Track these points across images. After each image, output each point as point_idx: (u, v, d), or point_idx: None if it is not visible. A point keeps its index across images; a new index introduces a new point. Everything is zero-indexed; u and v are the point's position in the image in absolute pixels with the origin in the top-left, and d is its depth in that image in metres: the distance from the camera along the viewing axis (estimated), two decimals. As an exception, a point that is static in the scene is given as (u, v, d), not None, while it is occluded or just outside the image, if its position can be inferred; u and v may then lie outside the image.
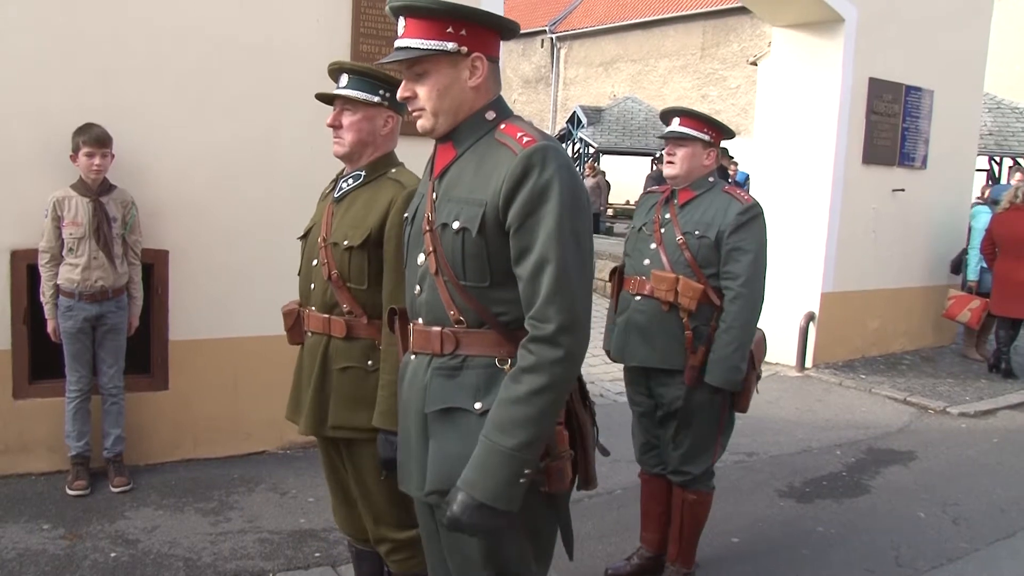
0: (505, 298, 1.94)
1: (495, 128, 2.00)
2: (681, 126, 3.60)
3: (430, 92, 1.98)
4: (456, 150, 2.04)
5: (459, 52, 1.95)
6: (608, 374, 7.46)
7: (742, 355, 3.44)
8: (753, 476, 5.28)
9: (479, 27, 1.98)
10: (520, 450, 1.82)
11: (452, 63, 1.96)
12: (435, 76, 1.97)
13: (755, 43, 25.63)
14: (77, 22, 4.55)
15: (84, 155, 4.32)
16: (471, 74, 1.98)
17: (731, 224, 3.44)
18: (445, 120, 2.01)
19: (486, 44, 2.00)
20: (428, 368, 2.03)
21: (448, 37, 1.94)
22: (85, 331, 4.42)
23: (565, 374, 1.85)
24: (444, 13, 1.95)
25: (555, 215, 1.84)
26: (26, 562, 3.71)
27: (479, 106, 2.02)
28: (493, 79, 2.04)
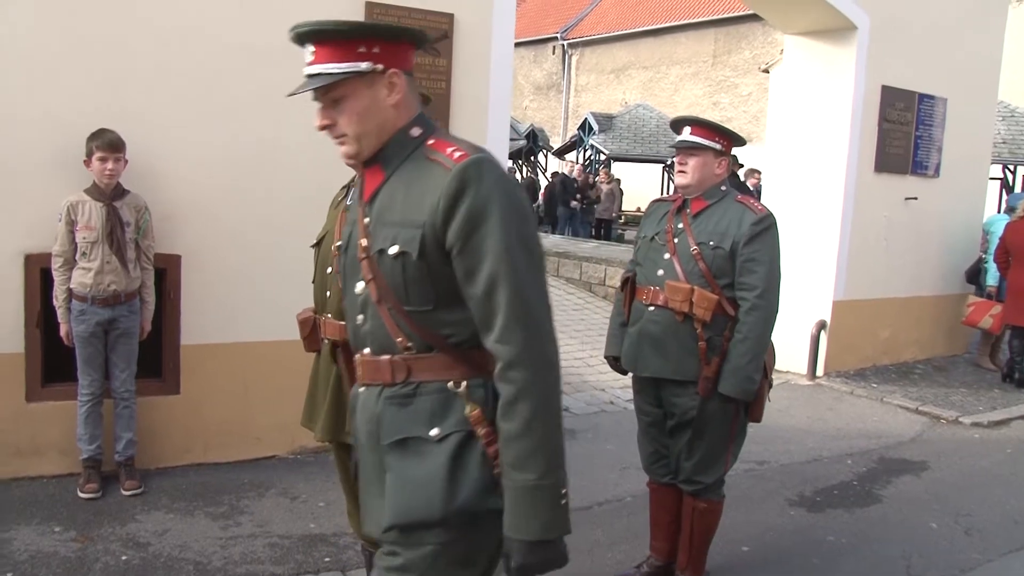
0: (452, 319, 1.87)
1: (423, 145, 1.92)
2: (692, 135, 3.59)
3: (350, 117, 1.90)
4: (384, 172, 1.95)
5: (374, 71, 1.88)
6: (618, 381, 7.41)
7: (756, 366, 3.43)
8: (764, 485, 5.27)
9: (391, 42, 1.92)
10: (545, 478, 1.77)
11: (368, 83, 1.89)
12: (353, 99, 1.89)
13: (767, 50, 25.60)
14: (86, 27, 4.58)
15: (97, 160, 4.35)
16: (389, 92, 1.90)
17: (746, 234, 3.44)
18: (369, 143, 1.92)
19: (400, 58, 1.93)
20: (379, 398, 1.94)
21: (360, 57, 1.87)
22: (98, 335, 4.44)
23: (550, 386, 1.81)
24: (354, 33, 1.90)
25: (500, 229, 1.77)
26: (38, 564, 3.73)
27: (402, 124, 1.94)
28: (412, 93, 1.97)
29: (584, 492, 4.98)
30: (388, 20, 5.26)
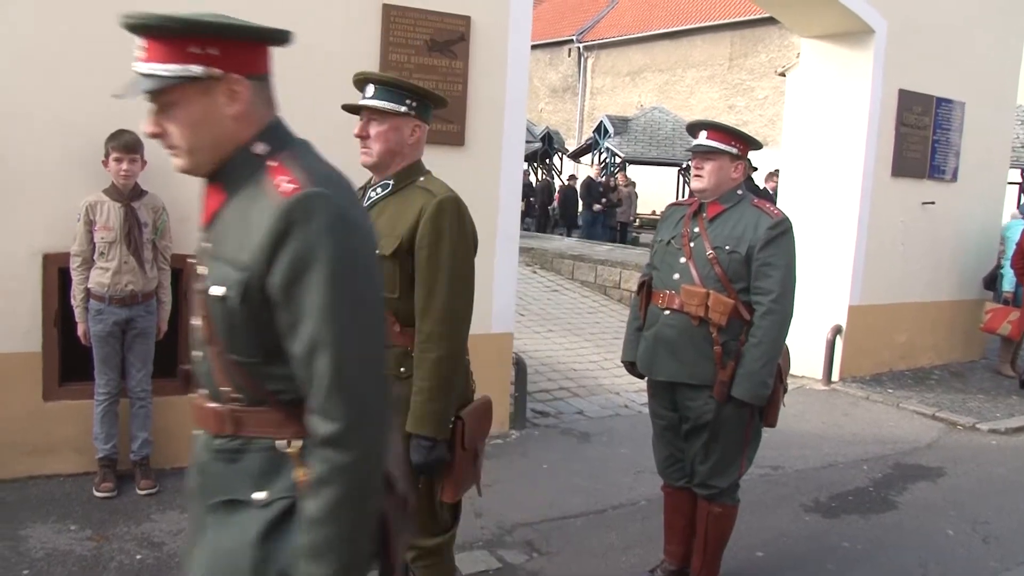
0: (282, 374, 1.59)
1: (264, 166, 1.64)
2: (708, 139, 3.58)
3: (181, 127, 1.62)
4: (225, 192, 1.67)
5: (210, 76, 1.60)
6: (632, 384, 7.40)
7: (770, 370, 3.42)
8: (778, 490, 5.24)
9: (234, 43, 1.67)
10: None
11: (203, 90, 1.61)
12: (184, 107, 1.62)
13: (783, 54, 25.54)
14: (104, 25, 4.58)
15: (114, 160, 4.38)
16: (229, 101, 1.63)
17: (762, 239, 3.42)
18: (203, 158, 1.65)
19: (246, 62, 1.68)
20: (207, 448, 1.71)
21: (193, 59, 1.59)
22: (115, 335, 4.47)
23: (364, 478, 1.54)
24: (184, 30, 1.60)
25: (323, 285, 1.50)
26: (54, 562, 3.76)
27: (245, 138, 1.66)
28: (262, 102, 1.72)
29: (598, 496, 4.97)
30: (405, 22, 5.28)
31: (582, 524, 4.58)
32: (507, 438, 5.95)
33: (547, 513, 4.68)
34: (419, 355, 2.54)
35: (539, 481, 5.17)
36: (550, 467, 5.44)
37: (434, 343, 2.53)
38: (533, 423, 6.34)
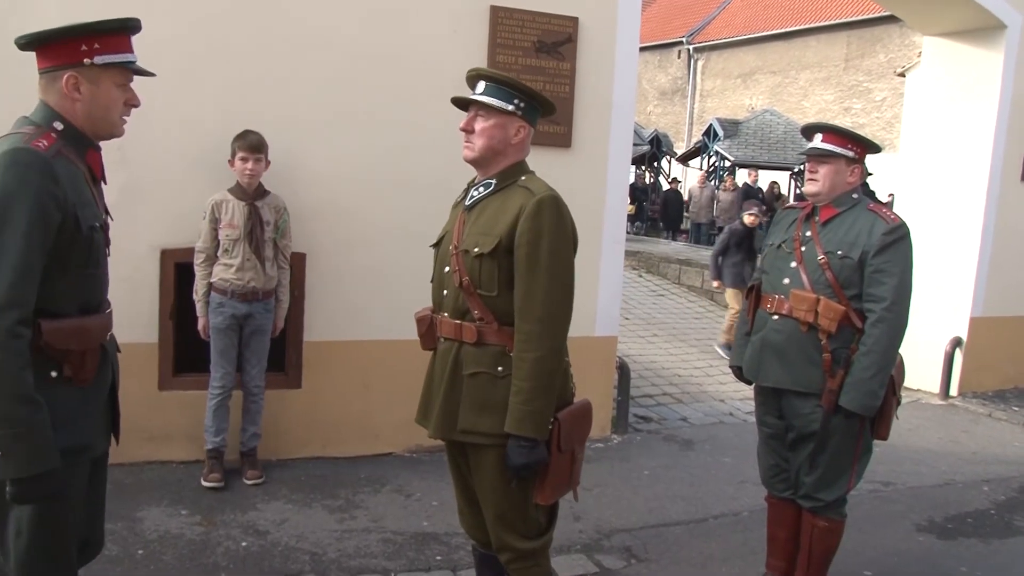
0: None
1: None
2: (824, 142, 3.47)
3: None
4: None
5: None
6: (738, 392, 7.27)
7: (881, 381, 3.29)
8: (889, 507, 5.03)
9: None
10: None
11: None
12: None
13: (903, 53, 24.63)
14: (228, 34, 4.77)
15: (239, 160, 4.51)
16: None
17: (876, 244, 3.29)
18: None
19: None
20: None
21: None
22: (233, 328, 4.59)
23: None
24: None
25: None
26: (166, 544, 3.91)
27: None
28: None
29: (699, 504, 4.88)
30: (512, 23, 5.30)
31: (682, 532, 4.50)
32: (608, 442, 5.90)
33: (646, 519, 4.61)
34: (518, 355, 2.53)
35: (639, 487, 5.11)
36: (651, 473, 5.37)
37: (533, 343, 2.51)
38: (635, 428, 6.28)
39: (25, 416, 2.03)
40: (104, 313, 2.34)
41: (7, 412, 2.01)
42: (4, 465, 2.03)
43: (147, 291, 4.77)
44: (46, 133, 2.15)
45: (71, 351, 2.18)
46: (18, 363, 2.02)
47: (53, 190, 2.07)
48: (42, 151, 2.08)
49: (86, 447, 2.28)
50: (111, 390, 2.42)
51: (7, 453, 2.02)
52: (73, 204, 2.14)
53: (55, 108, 2.21)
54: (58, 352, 2.15)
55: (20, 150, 2.06)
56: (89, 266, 2.24)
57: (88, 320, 2.24)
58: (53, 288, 2.13)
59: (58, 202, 2.09)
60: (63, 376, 2.18)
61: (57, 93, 2.20)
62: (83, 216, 2.17)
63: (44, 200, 2.05)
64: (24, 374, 2.03)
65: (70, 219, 2.13)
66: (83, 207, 2.18)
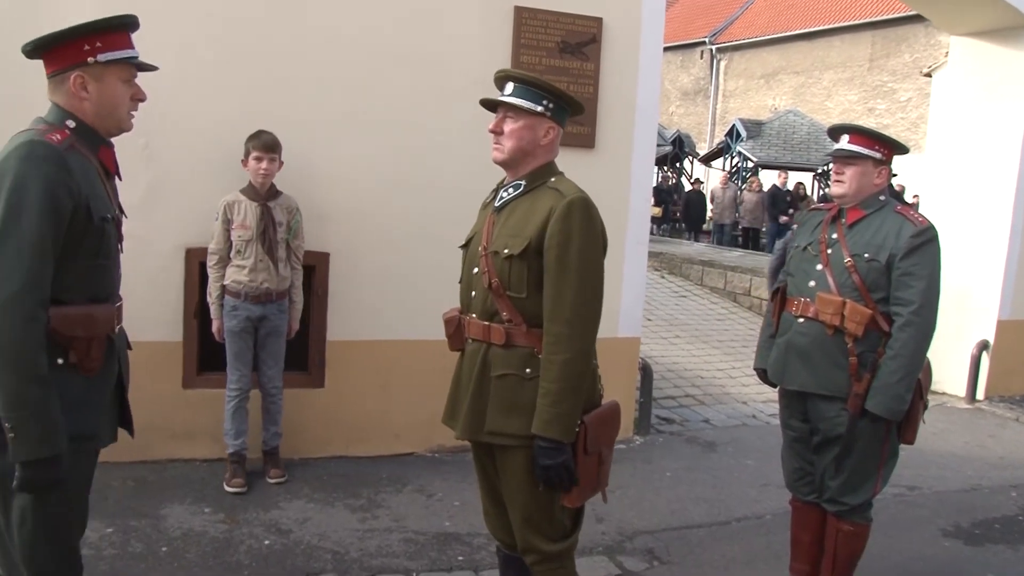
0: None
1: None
2: (850, 144, 3.44)
3: None
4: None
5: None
6: (761, 394, 7.23)
7: (908, 385, 3.26)
8: (914, 511, 4.98)
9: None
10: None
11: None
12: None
13: (929, 53, 24.41)
14: (251, 35, 4.80)
15: (253, 159, 4.50)
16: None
17: (904, 247, 3.26)
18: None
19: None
20: None
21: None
22: (248, 331, 4.57)
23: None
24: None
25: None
26: (190, 541, 3.93)
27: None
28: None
29: (722, 507, 4.85)
30: (536, 24, 5.29)
31: (704, 535, 4.48)
32: (631, 444, 5.88)
33: (669, 522, 4.60)
34: (547, 357, 2.52)
35: (661, 489, 5.09)
36: (673, 475, 5.35)
37: (562, 345, 2.49)
38: (657, 430, 6.26)
39: (39, 398, 2.10)
40: (113, 305, 2.41)
41: (23, 394, 2.08)
42: (15, 447, 2.08)
43: (172, 290, 4.81)
44: (59, 129, 2.24)
45: (77, 338, 2.24)
46: (35, 346, 2.10)
47: (66, 180, 2.16)
48: (55, 144, 2.17)
49: (91, 436, 2.34)
50: (119, 384, 2.47)
51: (19, 435, 2.08)
52: (85, 195, 2.22)
53: (66, 108, 2.30)
54: (65, 338, 2.22)
55: (35, 142, 2.15)
56: (99, 257, 2.32)
57: (95, 309, 2.31)
58: (63, 277, 2.21)
59: (71, 192, 2.17)
60: (69, 363, 2.24)
61: (66, 94, 2.29)
62: (95, 207, 2.25)
63: (57, 189, 2.14)
64: (40, 357, 2.11)
65: (82, 209, 2.21)
66: (95, 198, 2.27)
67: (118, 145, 2.38)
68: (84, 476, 2.40)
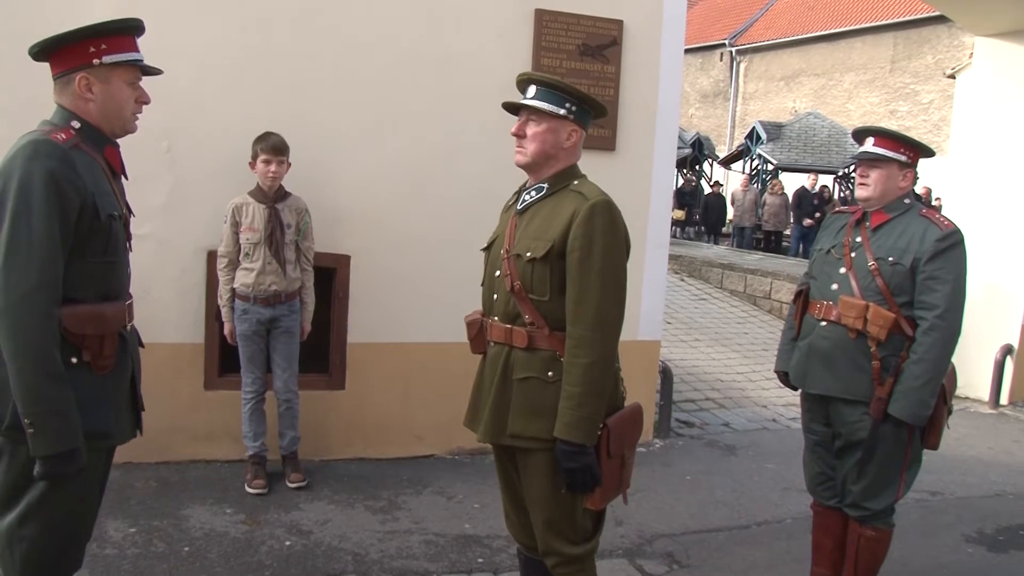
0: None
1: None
2: (875, 147, 3.41)
3: None
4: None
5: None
6: (781, 398, 7.19)
7: (932, 390, 3.23)
8: (937, 517, 4.94)
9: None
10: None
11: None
12: None
13: (952, 54, 24.21)
14: (272, 38, 4.82)
15: (261, 162, 4.48)
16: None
17: (929, 251, 3.24)
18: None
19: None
20: None
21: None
22: (260, 333, 4.56)
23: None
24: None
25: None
26: (211, 542, 3.96)
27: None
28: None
29: (742, 511, 4.83)
30: (557, 26, 5.30)
31: (724, 539, 4.46)
32: (651, 447, 5.87)
33: (689, 525, 4.58)
34: (569, 360, 2.51)
35: (681, 492, 5.07)
36: (693, 479, 5.33)
37: (585, 348, 2.49)
38: (677, 433, 6.24)
39: (56, 394, 2.13)
40: (123, 302, 2.43)
41: (42, 390, 2.11)
42: (34, 442, 2.12)
43: (194, 292, 4.84)
44: (64, 130, 2.28)
45: (89, 336, 2.27)
46: (51, 343, 2.14)
47: (71, 177, 2.19)
48: (60, 143, 2.20)
49: (106, 434, 2.36)
50: (132, 382, 2.49)
51: (39, 430, 2.11)
52: (92, 193, 2.24)
53: (71, 109, 2.33)
54: (77, 337, 2.24)
55: (39, 141, 2.19)
56: (108, 254, 2.34)
57: (105, 307, 2.33)
58: (73, 275, 2.23)
59: (77, 189, 2.20)
60: (82, 361, 2.27)
61: (72, 95, 2.32)
62: (102, 205, 2.28)
63: (63, 187, 2.17)
64: (56, 354, 2.15)
65: (89, 206, 2.24)
66: (102, 196, 2.29)
67: (140, 148, 2.42)
68: (97, 473, 2.42)
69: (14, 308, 2.10)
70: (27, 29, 2.39)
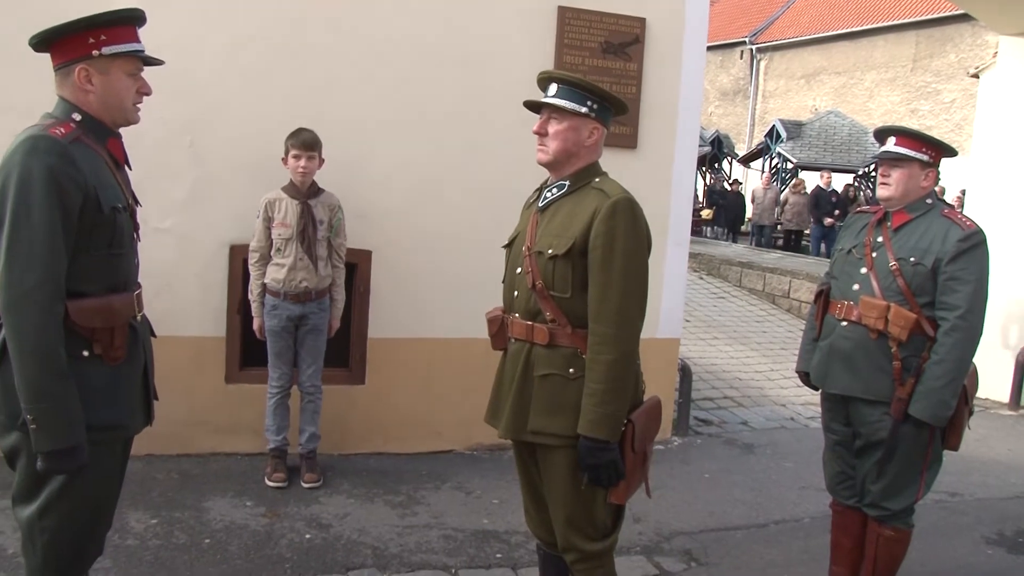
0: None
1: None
2: (897, 146, 3.40)
3: None
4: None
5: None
6: (800, 397, 7.17)
7: (953, 391, 3.22)
8: (956, 518, 4.92)
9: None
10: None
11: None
12: None
13: (975, 53, 24.02)
14: (300, 36, 4.85)
15: (292, 157, 4.49)
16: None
17: (951, 251, 3.22)
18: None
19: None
20: None
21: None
22: (288, 330, 4.58)
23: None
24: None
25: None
26: (232, 534, 3.99)
27: None
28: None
29: (760, 509, 4.83)
30: (579, 24, 5.30)
31: (742, 537, 4.46)
32: (669, 444, 5.87)
33: (707, 523, 4.58)
34: (592, 357, 2.52)
35: (699, 490, 5.07)
36: (711, 476, 5.33)
37: (607, 345, 2.50)
38: (696, 431, 6.24)
39: (59, 391, 2.15)
40: (131, 293, 2.43)
41: (45, 387, 2.13)
42: (37, 438, 2.14)
43: (216, 286, 4.87)
44: (64, 123, 2.27)
45: (98, 329, 2.28)
46: (55, 339, 2.15)
47: (71, 172, 2.18)
48: (59, 137, 2.20)
49: (121, 425, 2.38)
50: (145, 371, 2.51)
51: (41, 426, 2.13)
52: (93, 186, 2.24)
53: (72, 101, 2.33)
54: (86, 331, 2.26)
55: (38, 137, 2.18)
56: (113, 247, 2.34)
57: (114, 298, 2.34)
58: (79, 269, 2.24)
59: (77, 184, 2.20)
60: (94, 354, 2.28)
61: (72, 86, 2.32)
62: (104, 197, 2.28)
63: (64, 182, 2.17)
64: (60, 350, 2.16)
65: (91, 200, 2.24)
66: (104, 189, 2.29)
67: (163, 143, 2.42)
68: (116, 464, 2.45)
69: (17, 305, 2.12)
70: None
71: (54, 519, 2.29)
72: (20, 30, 4.23)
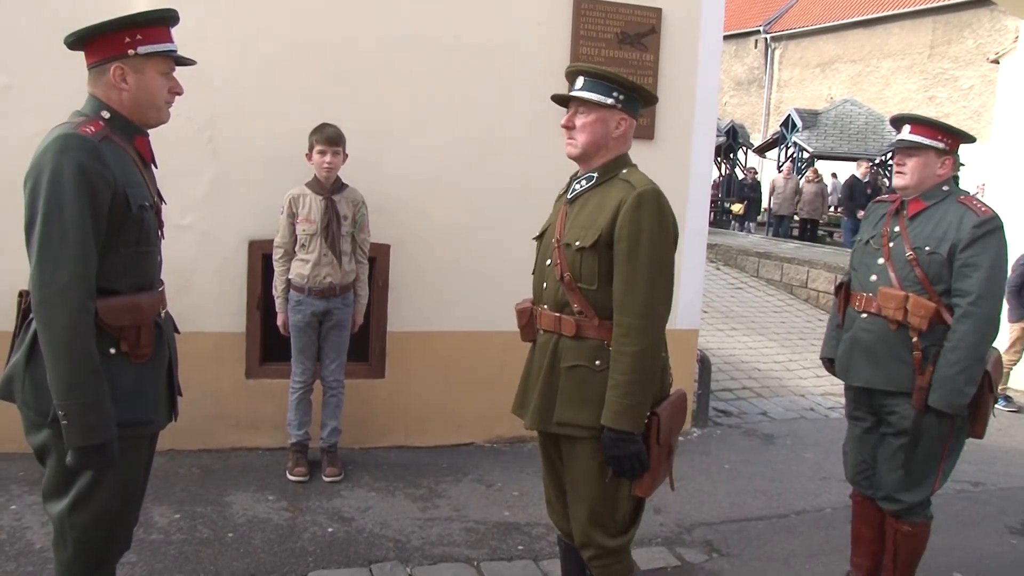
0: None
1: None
2: (912, 134, 3.37)
3: None
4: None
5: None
6: (819, 387, 7.15)
7: (968, 378, 3.19)
8: (979, 508, 4.90)
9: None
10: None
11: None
12: None
13: (994, 39, 23.77)
14: (314, 28, 4.86)
15: (317, 153, 4.50)
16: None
17: (965, 238, 3.19)
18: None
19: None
20: None
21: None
22: (312, 325, 4.59)
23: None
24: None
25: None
26: (254, 528, 4.01)
27: None
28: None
29: (781, 500, 4.82)
30: (595, 15, 5.29)
31: (763, 527, 4.46)
32: (688, 436, 5.86)
33: (728, 514, 4.58)
34: (617, 349, 2.52)
35: (720, 481, 5.07)
36: (732, 467, 5.32)
37: (633, 337, 2.50)
38: (715, 422, 6.23)
39: (91, 387, 2.17)
40: (156, 291, 2.46)
41: (78, 383, 2.15)
42: (69, 433, 2.16)
43: (236, 281, 4.90)
44: (94, 121, 2.29)
45: (126, 327, 2.30)
46: (87, 336, 2.17)
47: (101, 170, 2.20)
48: (88, 135, 2.22)
49: (148, 421, 2.41)
50: (169, 368, 2.53)
51: (72, 422, 2.15)
52: (122, 184, 2.26)
53: (102, 99, 2.35)
54: (114, 329, 2.28)
55: (68, 135, 2.20)
56: (141, 245, 2.36)
57: (140, 297, 2.36)
58: (107, 266, 2.26)
59: (107, 182, 2.22)
60: (121, 352, 2.30)
61: (105, 85, 2.34)
62: (132, 195, 2.30)
63: (94, 180, 2.18)
64: (92, 347, 2.18)
65: (120, 198, 2.25)
66: (132, 187, 2.31)
67: (182, 139, 2.43)
68: (142, 460, 2.48)
69: (50, 303, 2.14)
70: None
71: (85, 514, 2.32)
72: (39, 32, 4.29)
